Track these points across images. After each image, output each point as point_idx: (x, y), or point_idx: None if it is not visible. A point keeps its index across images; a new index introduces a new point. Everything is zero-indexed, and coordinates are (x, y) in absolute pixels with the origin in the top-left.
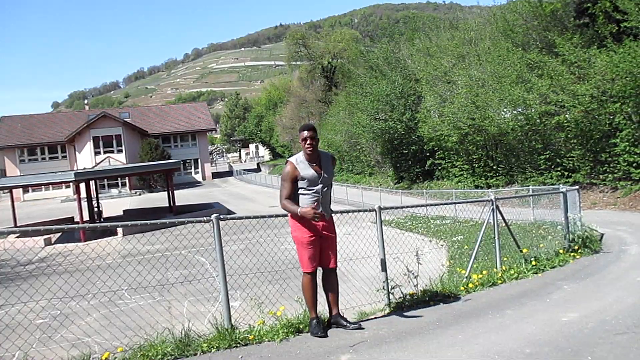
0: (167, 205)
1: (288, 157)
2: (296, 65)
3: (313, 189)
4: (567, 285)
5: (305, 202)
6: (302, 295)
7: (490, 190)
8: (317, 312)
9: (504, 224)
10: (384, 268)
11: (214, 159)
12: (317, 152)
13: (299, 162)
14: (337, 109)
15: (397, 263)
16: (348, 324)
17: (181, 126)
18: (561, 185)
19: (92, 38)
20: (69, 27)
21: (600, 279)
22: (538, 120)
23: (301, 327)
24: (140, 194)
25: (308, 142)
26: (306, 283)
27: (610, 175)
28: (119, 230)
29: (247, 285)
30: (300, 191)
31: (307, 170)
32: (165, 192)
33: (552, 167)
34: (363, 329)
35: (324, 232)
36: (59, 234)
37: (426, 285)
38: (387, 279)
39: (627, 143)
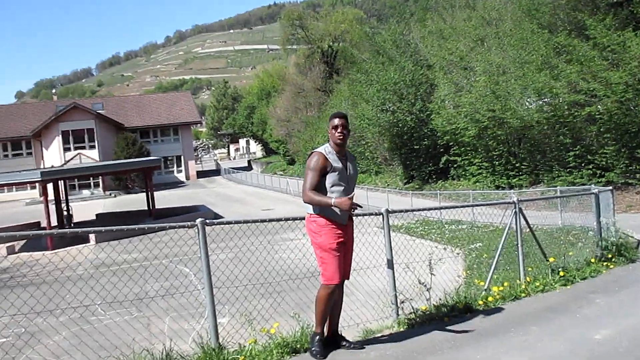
0: (146, 208)
1: (282, 154)
2: (292, 49)
3: (343, 185)
4: (600, 299)
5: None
6: (298, 311)
7: (512, 191)
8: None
9: (528, 230)
10: (392, 279)
11: (199, 156)
12: (346, 147)
13: (328, 153)
14: (338, 99)
15: (407, 274)
16: (349, 344)
17: (162, 119)
18: (593, 185)
19: (61, 19)
20: (34, 7)
21: (637, 292)
22: (566, 112)
23: (298, 346)
24: (115, 196)
25: (339, 130)
26: (325, 295)
27: None
28: (92, 236)
29: (237, 299)
30: (329, 187)
31: (337, 163)
32: (144, 194)
33: (583, 164)
34: (363, 348)
35: (348, 238)
36: (24, 241)
37: (440, 299)
38: (395, 291)
39: None
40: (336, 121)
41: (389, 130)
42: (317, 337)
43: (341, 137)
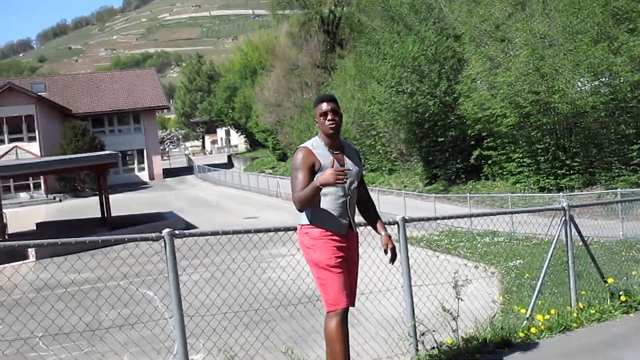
0: (99, 216)
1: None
2: (284, 15)
3: (339, 184)
4: None
5: (329, 206)
6: (291, 345)
7: (561, 194)
8: None
9: (580, 243)
10: (409, 306)
11: (167, 150)
12: (339, 138)
13: (316, 147)
14: (342, 78)
15: (429, 299)
16: None
17: (119, 103)
18: None
19: None
20: None
21: None
22: (629, 95)
23: None
24: (61, 200)
25: (329, 117)
26: (335, 328)
27: None
28: (31, 251)
29: (214, 330)
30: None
31: (328, 159)
32: (97, 198)
33: None
34: None
35: (349, 254)
36: None
37: (470, 331)
38: (414, 321)
39: None
40: (324, 106)
41: (406, 117)
42: None
43: (332, 124)
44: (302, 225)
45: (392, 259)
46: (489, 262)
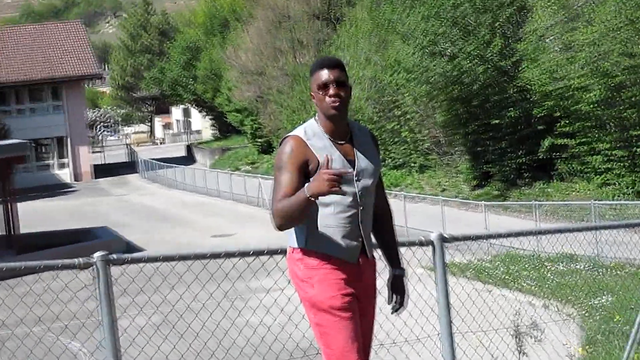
0: (3, 233)
1: (250, 133)
2: None
3: (347, 189)
4: None
5: (332, 221)
6: None
7: None
8: None
9: None
10: None
11: (99, 138)
12: (347, 120)
13: (311, 136)
14: (353, 35)
15: (478, 352)
16: None
17: (31, 70)
18: None
19: None
20: None
21: None
22: None
23: None
24: None
25: (332, 91)
26: None
27: None
28: None
29: None
30: (320, 198)
31: (326, 151)
32: None
33: None
34: None
35: (362, 290)
36: None
37: None
38: None
39: None
40: (325, 75)
41: (445, 90)
42: None
43: (337, 103)
44: (294, 248)
45: (396, 309)
46: (564, 299)
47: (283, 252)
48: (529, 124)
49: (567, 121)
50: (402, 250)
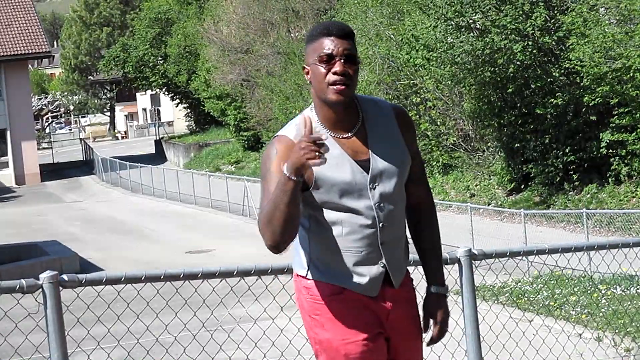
0: None
1: (233, 126)
2: None
3: (349, 203)
4: None
5: (343, 243)
6: None
7: None
8: None
9: None
10: None
11: (48, 131)
12: (356, 102)
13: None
14: (361, 4)
15: None
16: None
17: None
18: None
19: None
20: None
21: None
22: None
23: None
24: None
25: (337, 67)
26: None
27: None
28: None
29: None
30: (325, 212)
31: (333, 150)
32: None
33: None
34: None
35: (394, 326)
36: None
37: None
38: None
39: None
40: (330, 44)
41: (475, 72)
42: None
43: (343, 87)
44: (298, 274)
45: (435, 340)
46: (622, 330)
47: (275, 272)
48: (578, 114)
49: (626, 110)
50: (420, 268)
